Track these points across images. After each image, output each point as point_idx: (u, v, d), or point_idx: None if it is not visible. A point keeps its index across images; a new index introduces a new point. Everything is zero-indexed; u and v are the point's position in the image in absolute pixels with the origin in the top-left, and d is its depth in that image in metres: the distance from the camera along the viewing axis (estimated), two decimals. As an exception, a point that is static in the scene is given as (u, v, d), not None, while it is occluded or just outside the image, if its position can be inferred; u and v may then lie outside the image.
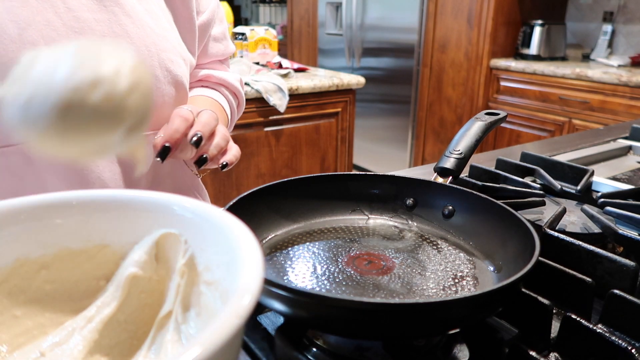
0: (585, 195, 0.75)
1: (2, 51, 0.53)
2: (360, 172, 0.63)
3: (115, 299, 0.35)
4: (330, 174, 0.62)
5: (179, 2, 0.70)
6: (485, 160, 0.95)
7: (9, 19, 0.54)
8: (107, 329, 0.35)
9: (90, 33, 0.59)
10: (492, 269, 0.51)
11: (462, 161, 0.64)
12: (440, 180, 0.63)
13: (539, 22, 2.79)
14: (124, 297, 0.36)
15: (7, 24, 0.54)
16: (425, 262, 0.51)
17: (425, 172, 0.91)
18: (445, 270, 0.50)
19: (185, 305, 0.35)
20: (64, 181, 0.62)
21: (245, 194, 0.54)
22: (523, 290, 0.45)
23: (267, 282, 0.37)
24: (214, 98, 0.80)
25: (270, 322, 0.47)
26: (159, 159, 0.57)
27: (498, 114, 0.71)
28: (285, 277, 0.48)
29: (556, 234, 0.57)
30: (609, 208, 0.68)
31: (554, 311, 0.44)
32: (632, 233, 0.59)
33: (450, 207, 0.59)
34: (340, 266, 0.50)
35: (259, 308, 0.48)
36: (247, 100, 1.50)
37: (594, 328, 0.41)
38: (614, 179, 0.86)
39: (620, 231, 0.59)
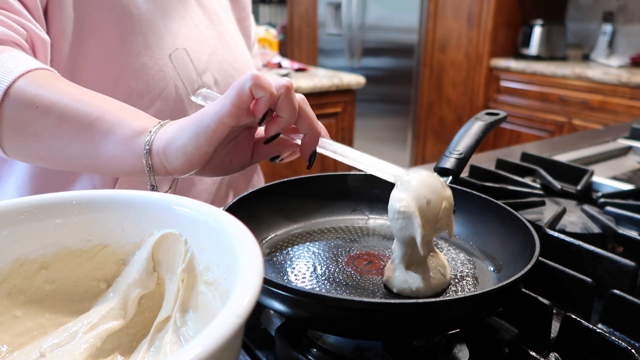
0: (585, 195, 0.76)
1: (159, 54, 0.64)
2: (360, 172, 0.63)
3: (121, 316, 0.36)
4: (330, 174, 0.62)
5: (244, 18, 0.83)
6: (485, 160, 0.95)
7: (165, 29, 0.65)
8: (109, 337, 0.35)
9: (209, 44, 0.71)
10: (492, 269, 0.51)
11: (462, 161, 0.64)
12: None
13: (539, 22, 2.79)
14: (129, 313, 0.36)
15: (163, 32, 0.65)
16: (425, 262, 0.51)
17: (425, 172, 0.90)
18: (445, 270, 0.50)
19: (184, 308, 0.35)
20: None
21: (245, 193, 0.54)
22: (523, 290, 0.45)
23: (267, 282, 0.37)
24: None
25: (270, 322, 0.47)
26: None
27: (498, 114, 0.71)
28: (285, 277, 0.48)
29: (556, 234, 0.57)
30: (609, 208, 0.68)
31: (554, 311, 0.44)
32: (632, 233, 0.59)
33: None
34: (340, 266, 0.50)
35: (259, 308, 0.48)
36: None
37: (594, 328, 0.41)
38: (614, 179, 0.86)
39: (620, 231, 0.59)
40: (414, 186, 0.44)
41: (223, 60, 0.72)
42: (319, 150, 0.50)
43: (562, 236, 0.56)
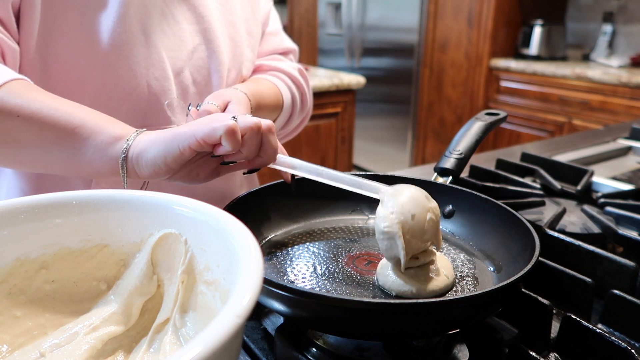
0: (585, 196, 0.76)
1: (129, 52, 0.62)
2: (360, 172, 0.63)
3: (123, 323, 0.36)
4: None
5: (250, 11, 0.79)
6: (485, 160, 0.95)
7: (138, 25, 0.63)
8: (111, 340, 0.35)
9: (190, 41, 0.69)
10: (492, 269, 0.51)
11: (462, 161, 0.64)
12: (440, 180, 0.63)
13: (539, 22, 2.79)
14: (132, 320, 0.36)
15: (134, 29, 0.62)
16: (425, 262, 0.51)
17: (425, 172, 0.91)
18: (445, 270, 0.50)
19: (183, 309, 0.35)
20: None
21: (245, 193, 0.54)
22: (523, 290, 0.45)
23: (267, 282, 0.37)
24: (264, 78, 0.80)
25: (270, 322, 0.47)
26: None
27: (498, 114, 0.71)
28: (285, 277, 0.48)
29: (556, 234, 0.57)
30: (609, 208, 0.68)
31: (554, 311, 0.44)
32: (632, 233, 0.59)
33: (451, 207, 0.59)
34: (340, 266, 0.50)
35: (259, 308, 0.48)
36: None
37: (594, 328, 0.41)
38: (614, 179, 0.86)
39: (620, 231, 0.59)
40: (398, 201, 0.45)
41: (205, 57, 0.70)
42: (288, 170, 0.55)
43: (562, 236, 0.56)
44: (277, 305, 0.39)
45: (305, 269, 0.49)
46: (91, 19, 0.60)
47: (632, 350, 0.38)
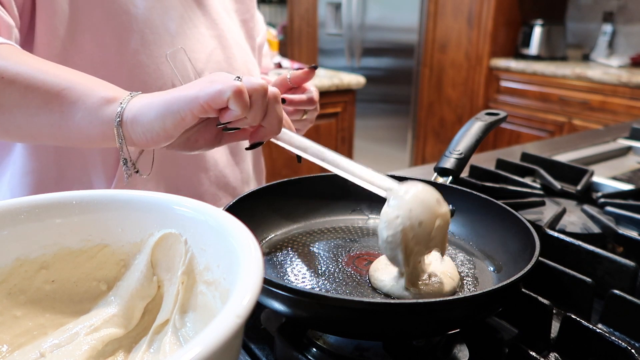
0: (585, 196, 0.76)
1: (156, 52, 0.63)
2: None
3: (124, 326, 0.36)
4: (330, 173, 0.62)
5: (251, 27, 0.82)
6: (485, 160, 0.95)
7: (163, 27, 0.64)
8: (112, 341, 0.35)
9: (208, 44, 0.70)
10: (492, 269, 0.51)
11: (462, 161, 0.64)
12: (440, 180, 0.63)
13: (539, 22, 2.79)
14: (132, 323, 0.36)
15: (161, 30, 0.64)
16: (425, 262, 0.51)
17: (425, 172, 0.91)
18: (445, 270, 0.50)
19: (183, 310, 0.35)
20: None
21: (245, 193, 0.54)
22: (523, 290, 0.45)
23: (267, 282, 0.37)
24: None
25: (270, 322, 0.47)
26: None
27: (498, 114, 0.71)
28: (285, 277, 0.48)
29: (556, 234, 0.57)
30: (609, 208, 0.68)
31: (554, 311, 0.44)
32: (632, 233, 0.59)
33: (450, 207, 0.59)
34: (340, 266, 0.50)
35: (259, 308, 0.48)
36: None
37: (594, 328, 0.41)
38: (614, 179, 0.86)
39: (620, 231, 0.59)
40: (407, 203, 0.42)
41: (221, 61, 0.72)
42: (294, 150, 0.51)
43: (562, 236, 0.56)
44: (277, 305, 0.39)
45: (305, 269, 0.49)
46: (118, 19, 0.61)
47: (632, 350, 0.38)
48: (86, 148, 0.64)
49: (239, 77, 0.44)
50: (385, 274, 0.46)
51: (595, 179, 0.83)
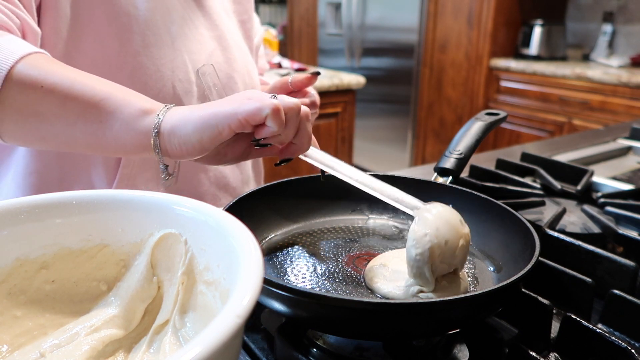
0: (585, 196, 0.76)
1: (157, 54, 0.64)
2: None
3: (124, 327, 0.36)
4: (330, 174, 0.62)
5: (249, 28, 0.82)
6: (485, 160, 0.95)
7: (164, 29, 0.65)
8: (112, 342, 0.35)
9: (208, 45, 0.71)
10: (492, 269, 0.51)
11: (462, 161, 0.64)
12: (440, 180, 0.63)
13: (539, 22, 2.79)
14: (133, 324, 0.36)
15: (162, 32, 0.64)
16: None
17: (425, 172, 0.91)
18: (445, 270, 0.50)
19: (183, 310, 0.35)
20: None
21: (245, 193, 0.54)
22: (523, 290, 0.45)
23: (267, 282, 0.37)
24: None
25: (270, 322, 0.47)
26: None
27: (498, 114, 0.71)
28: (285, 277, 0.48)
29: (556, 234, 0.57)
30: (609, 208, 0.68)
31: (554, 311, 0.44)
32: (632, 233, 0.59)
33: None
34: (340, 266, 0.50)
35: (259, 308, 0.48)
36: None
37: (594, 328, 0.41)
38: (614, 179, 0.86)
39: (620, 231, 0.59)
40: (433, 222, 0.44)
41: (221, 62, 0.72)
42: (327, 169, 0.53)
43: (562, 236, 0.56)
44: (277, 305, 0.39)
45: (305, 269, 0.49)
46: (119, 20, 0.61)
47: (632, 350, 0.38)
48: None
49: (274, 96, 0.46)
50: (385, 285, 0.46)
51: (595, 179, 0.83)
